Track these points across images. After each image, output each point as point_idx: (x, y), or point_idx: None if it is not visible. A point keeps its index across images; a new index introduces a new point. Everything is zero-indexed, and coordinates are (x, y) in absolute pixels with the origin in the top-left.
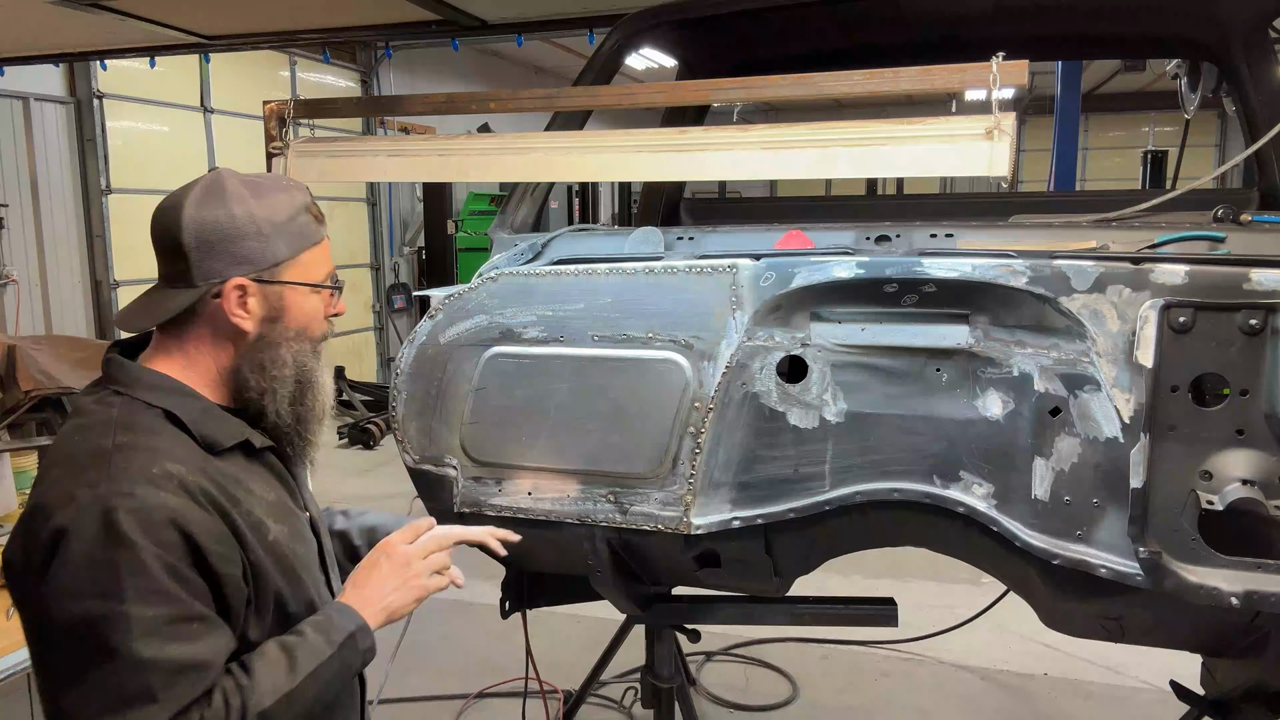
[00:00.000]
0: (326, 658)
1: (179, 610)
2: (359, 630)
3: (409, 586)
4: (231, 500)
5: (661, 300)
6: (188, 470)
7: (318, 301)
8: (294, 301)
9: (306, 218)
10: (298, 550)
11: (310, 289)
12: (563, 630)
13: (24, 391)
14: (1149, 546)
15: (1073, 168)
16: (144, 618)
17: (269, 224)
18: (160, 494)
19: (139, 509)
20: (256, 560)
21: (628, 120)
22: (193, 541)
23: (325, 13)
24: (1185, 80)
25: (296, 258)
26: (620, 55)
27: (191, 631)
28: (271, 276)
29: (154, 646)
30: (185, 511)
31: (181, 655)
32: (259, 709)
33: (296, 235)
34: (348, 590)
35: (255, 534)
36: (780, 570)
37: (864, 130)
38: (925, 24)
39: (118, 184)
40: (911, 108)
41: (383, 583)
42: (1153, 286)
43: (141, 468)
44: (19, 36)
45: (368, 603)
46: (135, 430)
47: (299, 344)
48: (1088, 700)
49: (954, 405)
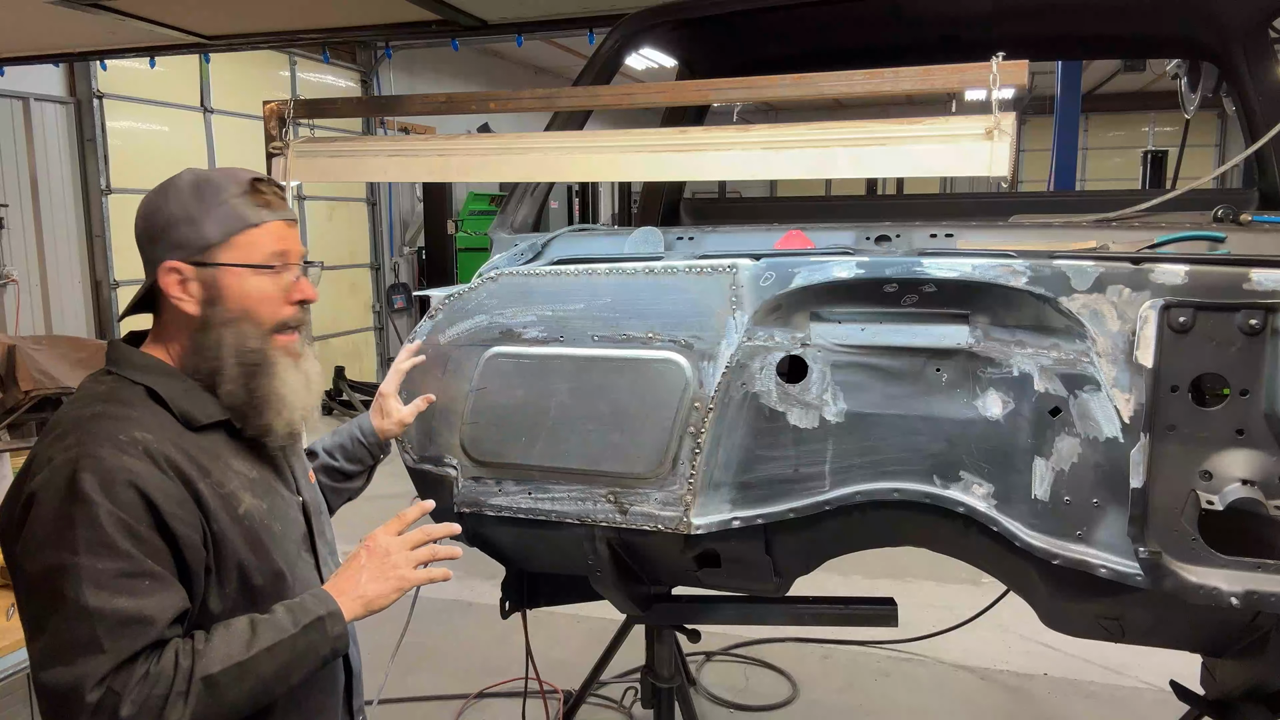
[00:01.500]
0: (288, 636)
1: (129, 566)
2: (328, 615)
3: (387, 577)
4: (201, 471)
5: (661, 300)
6: (156, 439)
7: (264, 284)
8: (230, 284)
9: (242, 200)
10: (273, 526)
11: (250, 270)
12: (563, 630)
13: (24, 391)
14: (1149, 546)
15: (1073, 168)
16: (94, 569)
17: (199, 208)
18: (123, 457)
19: (100, 469)
20: (219, 530)
21: (628, 120)
22: (150, 502)
23: (325, 13)
24: (1185, 80)
25: (229, 240)
26: (620, 55)
27: (140, 588)
28: (204, 259)
29: (101, 597)
30: (145, 474)
31: (127, 608)
32: (205, 672)
33: (228, 218)
34: (330, 579)
35: (223, 505)
36: (780, 570)
37: (864, 130)
38: (925, 24)
39: (118, 184)
40: (911, 108)
41: (359, 572)
42: (1153, 286)
43: (110, 434)
44: (19, 36)
45: (344, 591)
46: (115, 402)
47: (242, 327)
48: (1088, 700)
49: (954, 405)
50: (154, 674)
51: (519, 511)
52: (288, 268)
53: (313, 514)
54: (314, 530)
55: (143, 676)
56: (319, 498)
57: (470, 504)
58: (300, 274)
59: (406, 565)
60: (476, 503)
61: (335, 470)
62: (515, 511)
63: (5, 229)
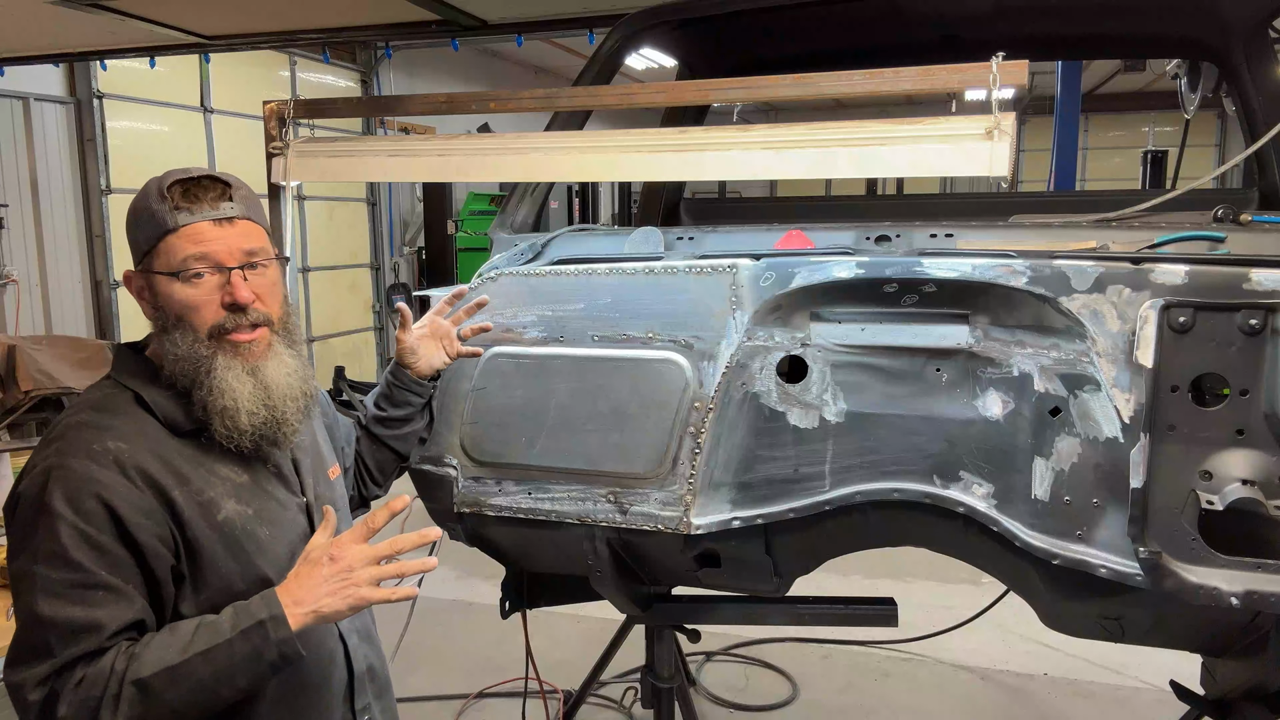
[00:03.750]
0: (223, 640)
1: (82, 578)
2: (270, 619)
3: (344, 594)
4: (179, 479)
5: (661, 300)
6: (130, 449)
7: (186, 290)
8: (162, 292)
9: (160, 204)
10: (258, 532)
11: (170, 278)
12: (563, 630)
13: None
14: (1149, 546)
15: (1073, 168)
16: (49, 579)
17: (134, 214)
18: (92, 467)
19: (68, 479)
20: (194, 537)
21: (628, 120)
22: (114, 513)
23: (325, 13)
24: (1185, 80)
25: (155, 247)
26: (620, 55)
27: (94, 599)
28: (145, 266)
29: (54, 605)
30: (112, 484)
31: (78, 616)
32: (136, 676)
33: (149, 223)
34: (288, 578)
35: (200, 512)
36: (780, 570)
37: (864, 130)
38: (925, 24)
39: (118, 184)
40: (911, 108)
41: (319, 584)
42: (1153, 286)
43: (85, 443)
44: (19, 36)
45: (299, 600)
46: (100, 409)
47: (176, 334)
48: (1088, 700)
49: (954, 405)
50: (90, 677)
51: (519, 511)
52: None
53: (315, 514)
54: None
55: (80, 680)
56: (335, 494)
57: (470, 504)
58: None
59: (368, 583)
60: (476, 503)
61: (389, 420)
62: (515, 511)
63: (5, 229)
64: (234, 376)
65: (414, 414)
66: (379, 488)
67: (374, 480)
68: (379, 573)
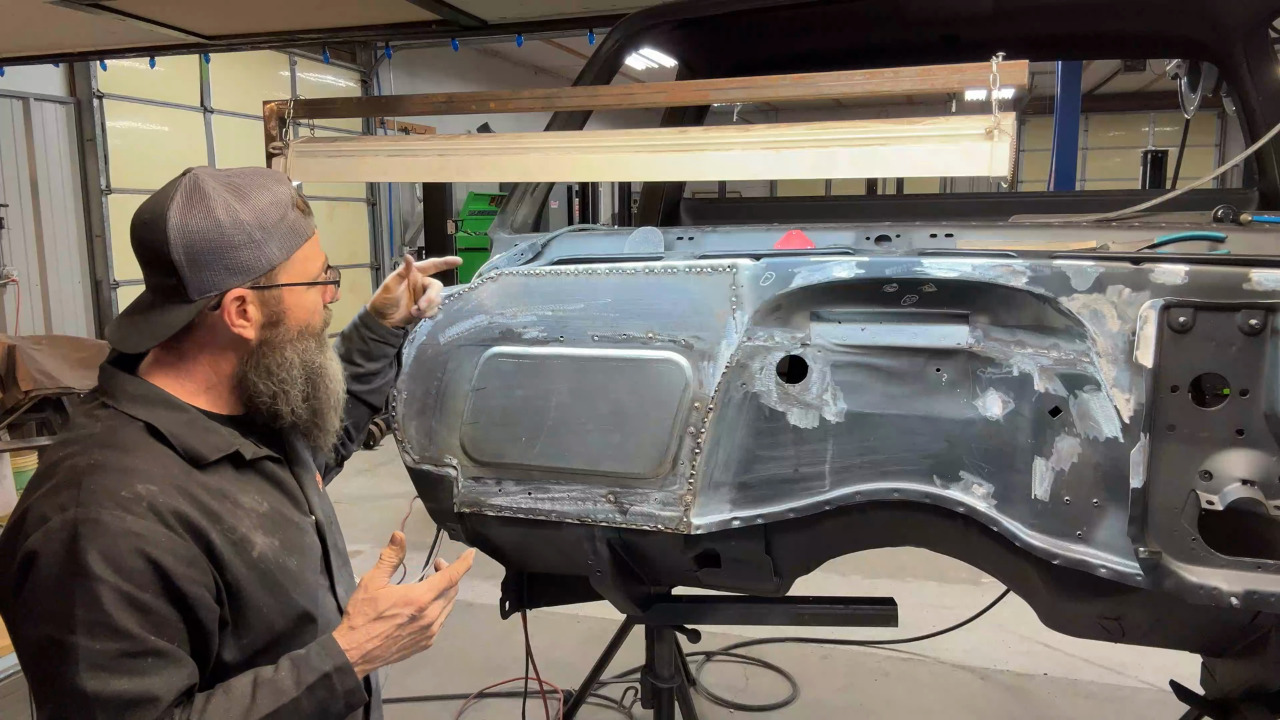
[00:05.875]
0: (289, 700)
1: (130, 645)
2: (336, 671)
3: (419, 647)
4: (212, 518)
5: (661, 300)
6: (160, 490)
7: (316, 296)
8: (294, 302)
9: (295, 214)
10: (289, 564)
11: (306, 287)
12: (563, 630)
13: (24, 391)
14: (1149, 546)
15: (1073, 168)
16: (92, 650)
17: (259, 228)
18: (127, 518)
19: (103, 535)
20: (234, 579)
21: (628, 120)
22: (159, 568)
23: (325, 13)
24: (1185, 80)
25: (291, 258)
26: (620, 55)
27: (143, 666)
28: (269, 281)
29: (100, 680)
30: (152, 536)
31: (129, 690)
32: None
33: (288, 234)
34: (345, 625)
35: (236, 552)
36: (780, 570)
37: (864, 130)
38: (925, 24)
39: (118, 184)
40: (911, 108)
41: (393, 642)
42: (1153, 286)
43: (111, 490)
44: (19, 36)
45: (369, 655)
46: (113, 447)
47: (303, 342)
48: (1088, 700)
49: (954, 405)
50: None
51: (519, 511)
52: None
53: (326, 531)
54: (328, 547)
55: None
56: (329, 505)
57: (470, 504)
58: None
59: (436, 632)
60: (476, 503)
61: (365, 375)
62: (515, 511)
63: (5, 229)
64: (335, 364)
65: (387, 366)
66: (353, 444)
67: (350, 438)
68: (445, 615)
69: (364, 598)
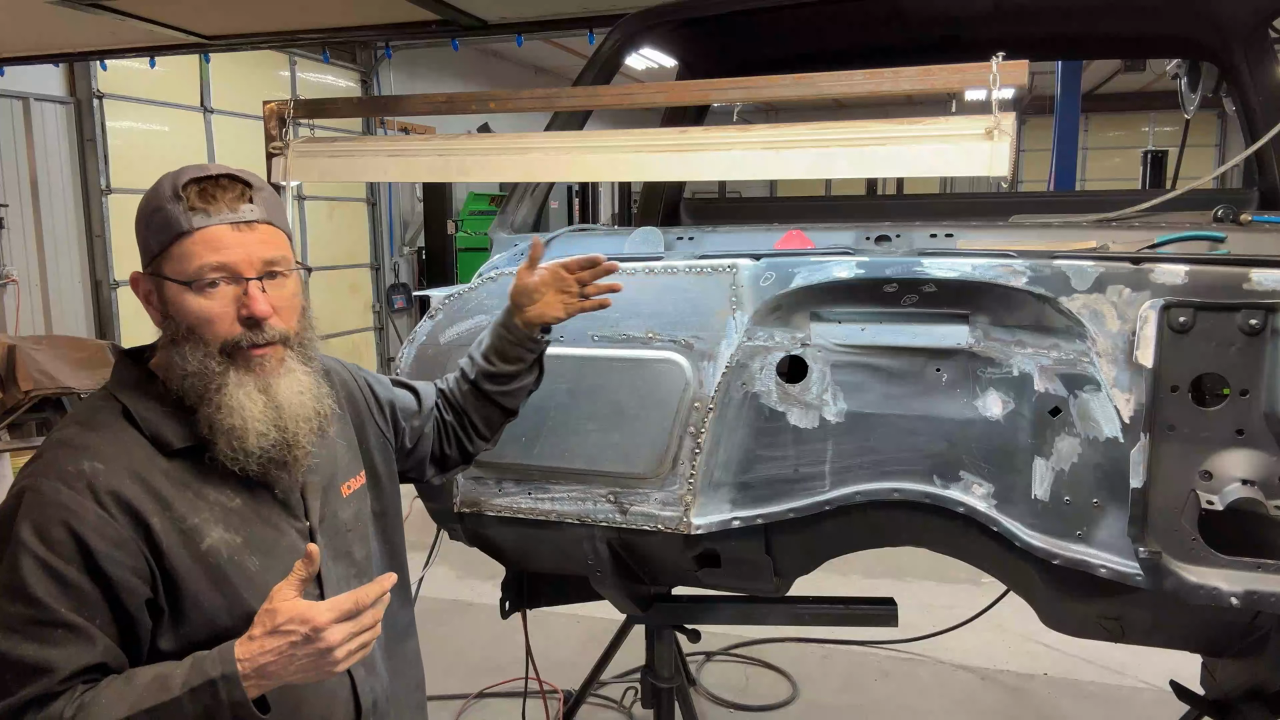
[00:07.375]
0: (171, 698)
1: (40, 614)
2: (222, 679)
3: (321, 670)
4: (161, 504)
5: (661, 300)
6: (106, 470)
7: (200, 301)
8: (172, 298)
9: (173, 204)
10: (248, 563)
11: (182, 286)
12: (563, 630)
13: (24, 391)
14: (1149, 546)
15: (1073, 168)
16: (6, 612)
17: (144, 213)
18: (63, 492)
19: (38, 505)
20: (174, 568)
21: (628, 120)
22: (83, 544)
23: (325, 13)
24: (1185, 80)
25: (166, 251)
26: (620, 55)
27: (51, 636)
28: (155, 270)
29: (9, 642)
30: (81, 512)
31: (31, 655)
32: None
33: (161, 226)
34: (247, 634)
35: (182, 540)
36: (780, 570)
37: (864, 130)
38: (925, 24)
39: (118, 184)
40: (911, 108)
41: (290, 661)
42: (1153, 286)
43: (59, 464)
44: (19, 36)
45: (264, 672)
46: (85, 425)
47: (186, 347)
48: (1088, 700)
49: (954, 405)
50: None
51: (519, 511)
52: (228, 283)
53: (329, 539)
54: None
55: None
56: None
57: (470, 504)
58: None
59: (343, 658)
60: (476, 503)
61: (499, 376)
62: (515, 511)
63: (5, 229)
64: (245, 394)
65: (524, 370)
66: (485, 442)
67: (480, 435)
68: (358, 643)
69: (266, 608)
